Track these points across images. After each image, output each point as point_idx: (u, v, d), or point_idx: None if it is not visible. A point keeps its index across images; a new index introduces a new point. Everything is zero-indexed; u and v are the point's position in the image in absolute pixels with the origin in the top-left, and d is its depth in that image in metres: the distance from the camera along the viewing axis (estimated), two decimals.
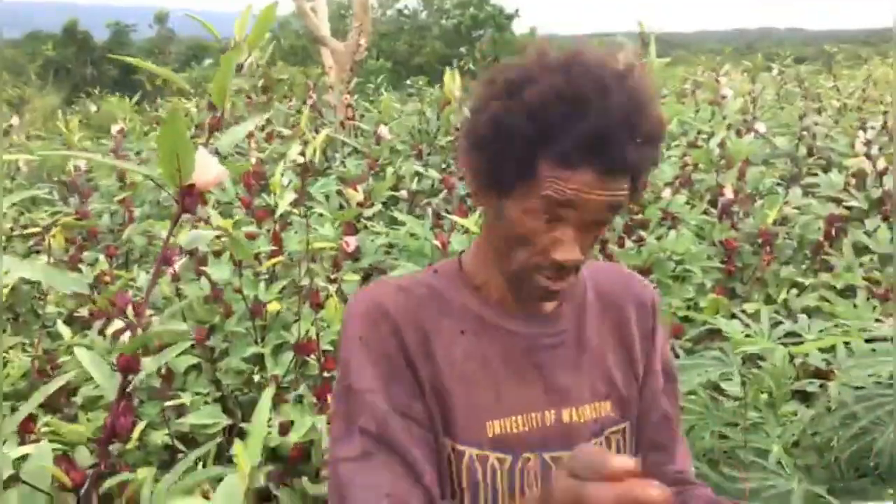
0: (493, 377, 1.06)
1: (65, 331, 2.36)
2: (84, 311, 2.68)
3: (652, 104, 0.99)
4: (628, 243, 3.19)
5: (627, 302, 1.17)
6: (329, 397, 2.07)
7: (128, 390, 0.97)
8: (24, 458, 1.13)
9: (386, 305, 1.06)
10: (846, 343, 1.95)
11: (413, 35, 27.95)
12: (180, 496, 1.11)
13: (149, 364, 1.20)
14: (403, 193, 3.67)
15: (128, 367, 0.98)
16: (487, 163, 1.01)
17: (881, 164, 3.13)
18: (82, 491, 0.93)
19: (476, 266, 1.11)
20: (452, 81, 2.33)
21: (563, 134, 0.95)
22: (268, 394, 1.06)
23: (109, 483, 1.23)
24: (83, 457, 2.25)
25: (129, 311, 2.47)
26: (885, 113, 5.37)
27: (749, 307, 2.66)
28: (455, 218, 2.39)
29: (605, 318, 1.15)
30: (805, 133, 4.81)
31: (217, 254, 2.94)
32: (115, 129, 4.71)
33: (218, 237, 2.45)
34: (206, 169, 1.07)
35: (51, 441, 2.04)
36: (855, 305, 2.33)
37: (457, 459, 1.04)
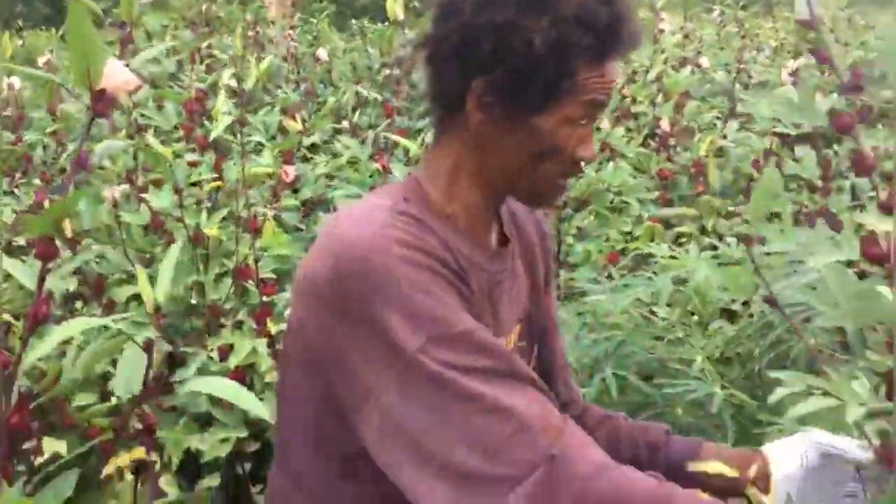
0: (490, 304, 1.06)
1: (7, 262, 2.33)
2: (21, 241, 2.64)
3: None
4: None
5: (532, 231, 1.23)
6: (268, 322, 2.08)
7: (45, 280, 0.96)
8: None
9: (417, 236, 0.91)
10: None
11: None
12: None
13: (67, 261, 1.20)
14: (345, 125, 3.66)
15: (46, 252, 0.97)
16: (524, 83, 0.96)
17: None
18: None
19: (447, 195, 1.03)
20: (395, 3, 2.32)
21: (612, 36, 0.97)
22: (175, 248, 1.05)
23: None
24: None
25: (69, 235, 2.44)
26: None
27: (681, 230, 2.74)
28: (397, 138, 2.39)
29: (520, 246, 1.19)
30: (742, 68, 4.90)
31: (156, 183, 2.91)
32: (41, 61, 4.56)
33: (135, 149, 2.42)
34: (116, 73, 1.04)
35: None
36: (781, 230, 2.42)
37: None
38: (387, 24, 7.55)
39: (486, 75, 0.96)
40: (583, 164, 1.02)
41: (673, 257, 1.97)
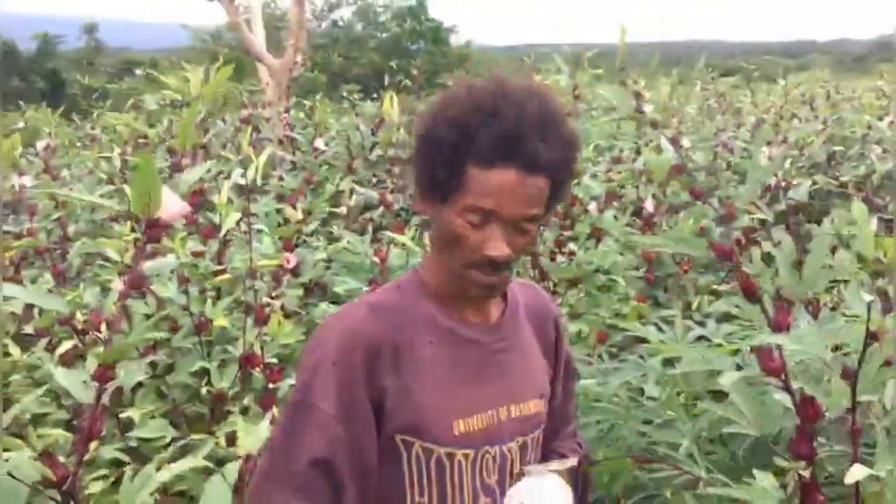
0: (457, 381, 1.22)
1: (15, 350, 2.42)
2: (29, 329, 2.73)
3: (562, 115, 1.19)
4: (560, 257, 3.36)
5: (544, 315, 1.39)
6: (274, 409, 2.17)
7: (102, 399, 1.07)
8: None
9: (360, 331, 1.18)
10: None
11: (349, 47, 28.01)
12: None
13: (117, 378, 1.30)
14: (342, 210, 3.78)
15: (104, 376, 1.09)
16: (425, 174, 1.18)
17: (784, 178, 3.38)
18: (65, 486, 1.03)
19: (431, 275, 1.25)
20: (391, 104, 2.46)
21: (482, 137, 1.12)
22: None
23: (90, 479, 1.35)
24: (29, 472, 2.31)
25: (80, 325, 2.53)
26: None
27: (668, 313, 2.84)
28: (391, 234, 2.53)
29: (533, 328, 1.35)
30: (720, 148, 5.09)
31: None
32: (40, 145, 4.66)
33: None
34: (171, 204, 1.19)
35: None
36: (763, 310, 2.53)
37: (426, 457, 1.18)
38: (374, 99, 7.77)
39: (417, 174, 1.21)
40: (496, 262, 1.17)
41: (661, 341, 2.08)
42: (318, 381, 1.16)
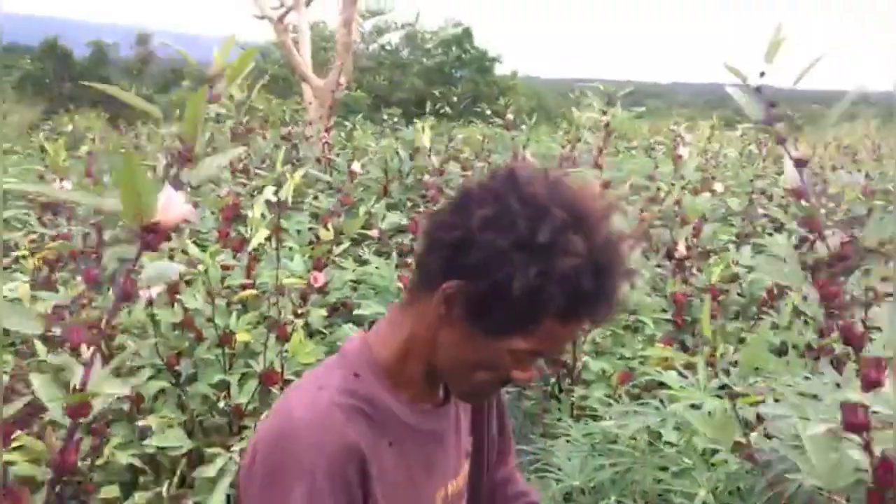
0: (413, 481, 1.14)
1: (41, 348, 2.45)
2: (57, 331, 2.76)
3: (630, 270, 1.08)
4: None
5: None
6: None
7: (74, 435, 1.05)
8: None
9: (347, 443, 1.04)
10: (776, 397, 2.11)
11: (394, 71, 28.30)
12: None
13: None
14: (374, 233, 3.81)
15: (76, 413, 1.06)
16: (489, 308, 1.02)
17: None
18: None
19: (396, 363, 1.12)
20: (422, 133, 2.47)
21: (588, 306, 1.02)
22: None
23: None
24: (43, 471, 2.33)
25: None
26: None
27: (692, 359, 2.81)
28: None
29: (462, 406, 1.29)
30: (756, 195, 5.04)
31: (188, 282, 3.05)
32: (84, 150, 4.77)
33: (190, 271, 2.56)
34: (172, 207, 1.10)
35: (21, 456, 2.12)
36: (787, 363, 2.49)
37: None
38: (416, 122, 7.84)
39: (463, 282, 1.02)
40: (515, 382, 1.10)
41: (682, 388, 2.05)
42: (306, 491, 1.01)
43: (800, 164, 1.21)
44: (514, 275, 0.98)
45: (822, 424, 1.12)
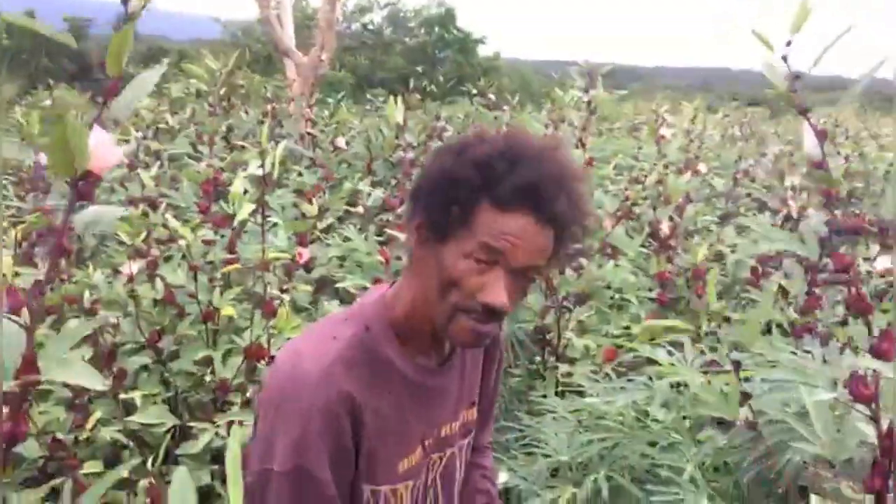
0: (407, 426, 1.22)
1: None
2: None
3: (580, 175, 1.16)
4: (568, 270, 3.33)
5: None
6: None
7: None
8: None
9: (344, 394, 1.12)
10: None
11: (377, 51, 28.11)
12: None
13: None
14: (360, 209, 3.78)
15: (12, 437, 1.01)
16: (432, 210, 1.13)
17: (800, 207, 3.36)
18: None
19: (405, 317, 1.21)
20: (395, 108, 2.44)
21: (504, 180, 1.09)
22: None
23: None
24: (31, 449, 2.30)
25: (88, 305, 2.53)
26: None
27: (677, 337, 2.82)
28: (396, 233, 2.51)
29: (468, 356, 1.36)
30: (739, 175, 5.06)
31: (168, 258, 3.02)
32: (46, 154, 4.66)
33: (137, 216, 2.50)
34: (103, 151, 1.04)
35: None
36: (770, 342, 2.50)
37: (374, 498, 1.20)
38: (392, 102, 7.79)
39: (421, 213, 1.15)
40: (493, 310, 1.11)
41: (672, 364, 2.05)
42: (312, 448, 1.11)
43: (821, 135, 1.21)
44: (442, 173, 1.12)
45: (826, 393, 1.11)
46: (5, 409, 1.03)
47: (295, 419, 1.11)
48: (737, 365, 1.28)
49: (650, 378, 2.18)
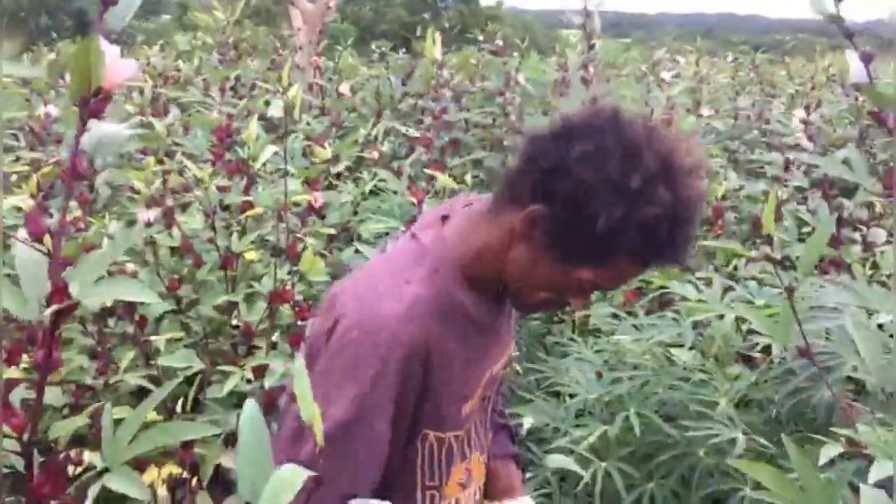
0: (472, 371, 1.22)
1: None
2: None
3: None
4: None
5: None
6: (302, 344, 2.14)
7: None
8: None
9: (416, 340, 1.10)
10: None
11: (379, 2, 27.74)
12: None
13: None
14: (374, 155, 3.73)
15: (45, 364, 0.97)
16: (569, 237, 1.08)
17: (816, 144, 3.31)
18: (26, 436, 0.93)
19: (472, 262, 1.17)
20: (433, 44, 2.37)
21: (655, 253, 1.09)
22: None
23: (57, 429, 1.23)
24: (55, 397, 2.30)
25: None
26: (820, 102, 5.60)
27: (702, 275, 2.80)
28: (436, 174, 2.47)
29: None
30: (748, 115, 5.04)
31: (184, 206, 2.98)
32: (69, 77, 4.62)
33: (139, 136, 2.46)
34: (114, 66, 0.97)
35: (27, 379, 2.08)
36: (796, 279, 2.47)
37: (438, 444, 1.20)
38: (404, 52, 7.68)
39: (550, 209, 1.08)
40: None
41: (701, 300, 2.03)
42: (377, 398, 1.09)
43: (865, 58, 1.16)
44: (599, 213, 1.04)
45: (886, 315, 1.09)
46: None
47: (371, 363, 1.08)
48: (790, 290, 1.25)
49: (678, 312, 2.16)
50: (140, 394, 2.37)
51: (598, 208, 1.04)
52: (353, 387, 1.08)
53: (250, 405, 0.74)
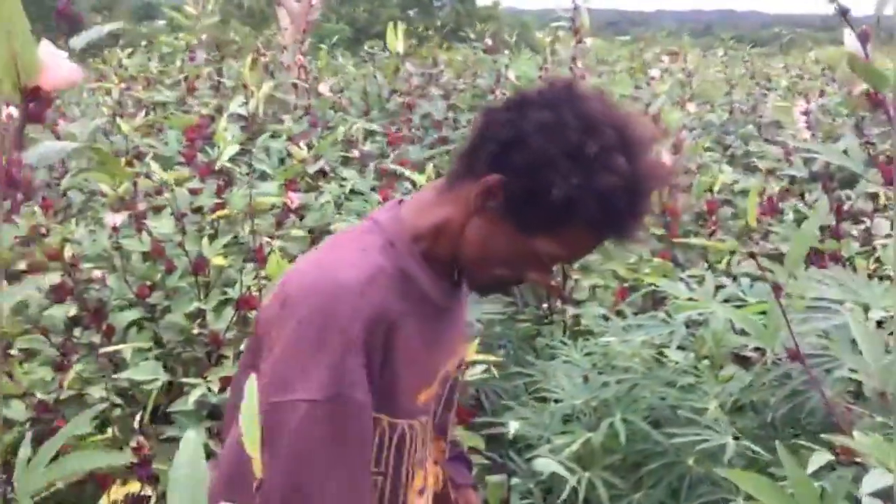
0: (429, 355, 1.17)
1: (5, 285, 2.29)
2: (22, 266, 2.60)
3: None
4: None
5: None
6: None
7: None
8: None
9: (381, 308, 1.05)
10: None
11: (374, 2, 27.68)
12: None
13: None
14: (356, 154, 3.64)
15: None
16: (518, 193, 1.05)
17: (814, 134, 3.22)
18: None
19: (428, 240, 1.13)
20: (395, 38, 2.26)
21: (616, 225, 1.07)
22: None
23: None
24: (18, 411, 2.20)
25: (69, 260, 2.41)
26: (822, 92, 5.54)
27: (695, 272, 2.70)
28: (400, 168, 2.37)
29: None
30: (742, 109, 4.97)
31: (156, 210, 2.88)
32: None
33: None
34: (55, 67, 0.87)
35: None
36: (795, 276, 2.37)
37: (390, 430, 1.12)
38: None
39: (507, 178, 1.06)
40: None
41: (691, 299, 1.92)
42: (355, 368, 1.03)
43: (863, 36, 1.07)
44: (555, 181, 1.02)
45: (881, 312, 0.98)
46: None
47: (335, 335, 1.02)
48: (777, 288, 1.15)
49: (668, 314, 2.05)
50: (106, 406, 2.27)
51: (555, 176, 1.02)
52: (324, 361, 1.02)
53: (191, 442, 0.63)
